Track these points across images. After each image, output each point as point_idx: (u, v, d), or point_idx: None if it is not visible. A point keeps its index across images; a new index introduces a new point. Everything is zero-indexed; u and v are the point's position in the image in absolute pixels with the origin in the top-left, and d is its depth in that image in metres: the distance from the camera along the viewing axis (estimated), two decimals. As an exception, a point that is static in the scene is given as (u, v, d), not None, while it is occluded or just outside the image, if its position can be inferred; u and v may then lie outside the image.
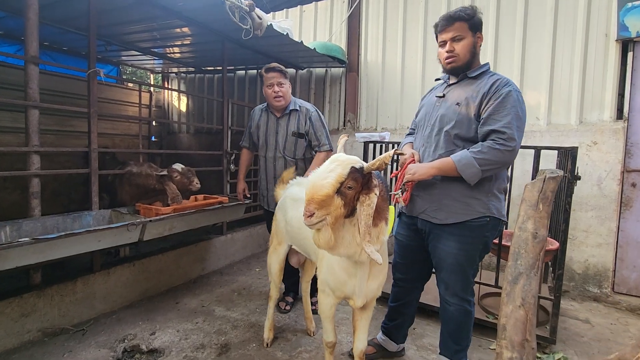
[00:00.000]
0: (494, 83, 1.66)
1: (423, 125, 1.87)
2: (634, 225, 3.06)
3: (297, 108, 2.59)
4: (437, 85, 1.97)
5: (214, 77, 5.49)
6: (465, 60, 1.73)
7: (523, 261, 1.28)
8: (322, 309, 1.75)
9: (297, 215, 1.91)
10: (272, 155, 2.61)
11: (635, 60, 2.98)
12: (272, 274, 2.21)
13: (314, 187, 1.33)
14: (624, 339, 2.52)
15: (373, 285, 1.62)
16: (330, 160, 1.40)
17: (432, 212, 1.79)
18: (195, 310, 2.70)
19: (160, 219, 2.41)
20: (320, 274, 1.71)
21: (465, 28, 1.70)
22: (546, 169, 1.45)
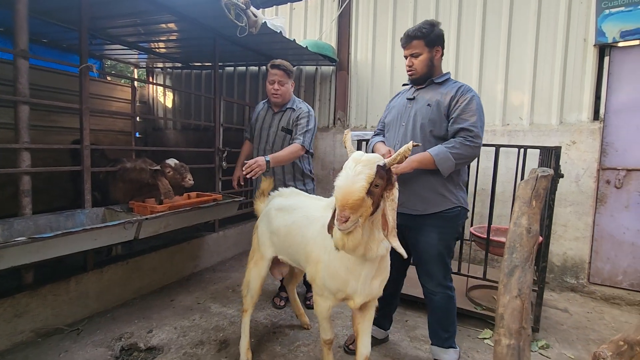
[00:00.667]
0: (459, 88, 1.88)
1: (396, 125, 2.02)
2: (608, 220, 3.26)
3: (293, 107, 2.63)
4: (404, 89, 2.14)
5: (202, 72, 5.42)
6: (423, 72, 1.95)
7: (518, 254, 1.37)
8: (319, 310, 1.72)
9: (284, 223, 1.90)
10: (263, 148, 2.65)
11: (611, 64, 3.16)
12: (250, 288, 2.06)
13: (347, 192, 1.29)
14: (600, 326, 2.70)
15: (376, 283, 1.62)
16: (353, 161, 1.35)
17: (412, 205, 1.92)
18: (191, 307, 2.70)
19: (156, 217, 2.39)
20: (317, 279, 1.67)
21: (422, 45, 1.90)
22: (538, 168, 1.54)
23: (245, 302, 2.11)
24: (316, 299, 1.74)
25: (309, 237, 1.75)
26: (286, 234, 1.89)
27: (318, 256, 1.68)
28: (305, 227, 1.79)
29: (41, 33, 4.19)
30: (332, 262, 1.60)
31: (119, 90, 5.48)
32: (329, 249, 1.58)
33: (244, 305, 2.11)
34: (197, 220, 2.78)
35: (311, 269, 1.73)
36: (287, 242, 1.89)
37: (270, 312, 2.68)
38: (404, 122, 1.96)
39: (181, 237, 3.36)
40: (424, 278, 2.00)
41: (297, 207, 1.92)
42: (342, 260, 1.55)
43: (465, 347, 2.32)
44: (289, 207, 1.95)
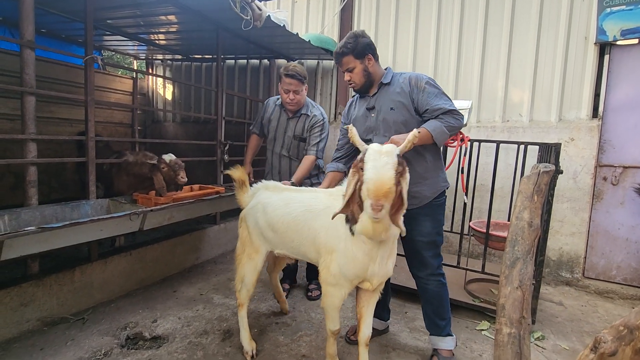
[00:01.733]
0: (409, 80, 1.90)
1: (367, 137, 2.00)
2: (604, 216, 3.33)
3: (307, 113, 2.67)
4: (355, 99, 2.14)
5: (202, 65, 5.40)
6: (362, 83, 1.97)
7: (520, 247, 1.41)
8: (332, 301, 1.75)
9: (281, 219, 1.89)
10: (279, 152, 2.73)
11: (611, 62, 3.20)
12: (245, 283, 2.07)
13: (380, 183, 1.39)
14: (594, 319, 2.77)
15: (390, 264, 1.73)
16: (377, 152, 1.46)
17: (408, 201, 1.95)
18: (194, 298, 2.73)
19: (161, 209, 2.41)
20: (332, 268, 1.70)
21: (352, 59, 1.91)
22: (540, 163, 1.58)
23: (241, 297, 2.11)
24: (328, 290, 1.75)
25: (317, 229, 1.78)
26: (286, 230, 1.90)
27: (332, 246, 1.72)
28: (312, 220, 1.81)
29: (40, 23, 4.16)
30: (349, 248, 1.65)
31: (118, 81, 5.46)
32: (344, 237, 1.66)
33: (239, 300, 2.12)
34: (200, 212, 2.81)
35: (325, 259, 1.76)
36: (289, 237, 1.91)
37: (272, 304, 2.72)
38: (375, 133, 1.98)
39: (183, 229, 3.39)
40: (417, 267, 2.05)
41: (292, 202, 1.91)
42: (359, 245, 1.62)
43: (464, 338, 2.38)
44: (280, 201, 1.95)
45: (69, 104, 4.62)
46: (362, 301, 1.85)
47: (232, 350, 2.11)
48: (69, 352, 2.00)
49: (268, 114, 2.76)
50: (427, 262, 2.01)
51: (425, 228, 1.97)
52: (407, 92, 1.89)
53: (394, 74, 1.97)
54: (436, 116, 1.84)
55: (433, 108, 1.85)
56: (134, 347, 2.09)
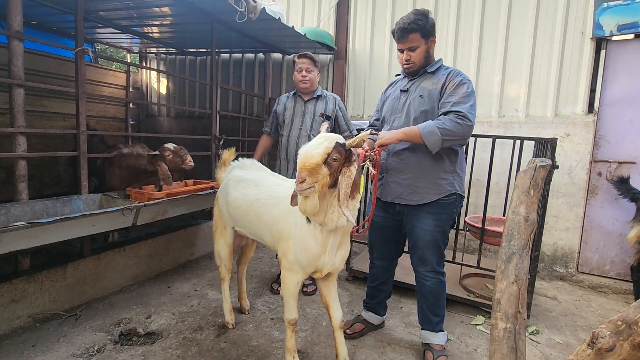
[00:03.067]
0: (449, 74, 1.89)
1: (390, 118, 2.03)
2: (598, 211, 3.35)
3: (323, 94, 2.80)
4: (398, 79, 2.14)
5: (196, 59, 5.34)
6: (420, 64, 1.96)
7: (516, 242, 1.40)
8: (288, 287, 1.80)
9: (245, 197, 1.98)
10: (297, 134, 2.74)
11: (607, 58, 3.20)
12: (221, 258, 2.23)
13: (306, 157, 1.48)
14: (587, 314, 2.79)
15: (341, 254, 1.78)
16: (317, 137, 1.57)
17: (407, 196, 1.97)
18: (189, 294, 2.71)
19: (154, 204, 2.38)
20: (288, 253, 1.76)
21: (419, 38, 1.88)
22: (536, 158, 1.57)
23: (222, 272, 2.28)
24: (285, 275, 1.80)
25: (277, 216, 1.84)
26: (247, 210, 1.98)
27: (289, 233, 1.78)
28: (273, 206, 1.87)
29: (30, 15, 4.07)
30: (303, 236, 1.70)
31: (111, 75, 5.37)
32: (300, 225, 1.71)
33: (221, 275, 2.28)
34: (194, 207, 2.78)
35: (282, 246, 1.81)
36: (249, 217, 1.99)
37: (267, 299, 2.71)
38: (398, 114, 1.99)
39: (177, 225, 3.36)
40: (417, 263, 2.05)
41: (260, 183, 2.01)
42: (312, 233, 1.68)
43: (459, 333, 2.38)
44: (250, 182, 2.04)
45: (62, 97, 4.54)
46: (324, 291, 1.92)
47: (227, 345, 2.09)
48: (62, 349, 1.97)
49: (282, 106, 2.81)
50: (427, 259, 1.99)
51: (426, 225, 1.95)
52: (440, 84, 1.87)
53: (441, 66, 1.96)
54: (443, 112, 1.81)
55: (444, 101, 1.83)
56: (127, 343, 2.07)
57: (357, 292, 2.90)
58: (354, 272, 3.07)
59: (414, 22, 1.84)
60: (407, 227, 2.02)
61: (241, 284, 2.49)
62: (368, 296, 2.35)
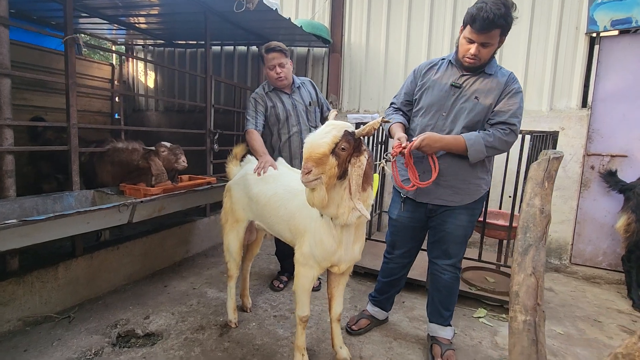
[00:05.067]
0: (508, 81, 1.77)
1: (435, 112, 1.86)
2: (591, 204, 3.41)
3: (299, 84, 2.65)
4: (441, 64, 1.91)
5: (186, 51, 5.19)
6: (485, 62, 1.78)
7: (532, 234, 1.39)
8: (302, 282, 1.74)
9: (263, 191, 1.94)
10: (298, 130, 2.58)
11: (600, 53, 3.25)
12: (231, 253, 2.16)
13: (312, 146, 1.41)
14: (584, 304, 2.84)
15: (357, 249, 1.72)
16: (325, 125, 1.49)
17: (448, 197, 1.89)
18: (187, 292, 2.63)
19: (151, 200, 2.29)
20: (303, 248, 1.71)
21: (498, 35, 1.67)
22: (549, 150, 1.56)
23: (230, 268, 2.19)
24: (299, 270, 1.75)
25: (293, 210, 1.79)
26: (265, 204, 1.93)
27: (305, 227, 1.74)
28: (289, 200, 1.82)
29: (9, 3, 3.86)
30: (317, 229, 1.65)
31: (95, 68, 5.17)
32: (315, 218, 1.67)
33: (229, 271, 2.20)
34: (191, 203, 2.70)
35: (299, 241, 1.77)
36: (267, 212, 1.94)
37: (269, 296, 2.65)
38: (444, 111, 1.83)
39: (172, 222, 3.26)
40: (439, 256, 1.99)
41: (277, 177, 1.97)
42: (325, 227, 1.63)
43: (462, 326, 2.39)
44: (268, 176, 2.00)
45: (44, 91, 4.35)
46: (332, 283, 1.88)
47: (231, 345, 2.03)
48: (56, 353, 1.87)
49: (268, 104, 2.56)
50: (452, 253, 1.95)
51: (460, 221, 1.90)
52: (499, 91, 1.75)
53: (497, 67, 1.82)
54: (493, 124, 1.75)
55: (498, 109, 1.74)
56: (126, 346, 1.98)
57: (359, 287, 2.88)
58: (355, 268, 3.04)
59: (504, 16, 1.59)
60: (436, 222, 1.95)
61: (245, 281, 2.43)
62: (377, 291, 2.30)
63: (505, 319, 2.50)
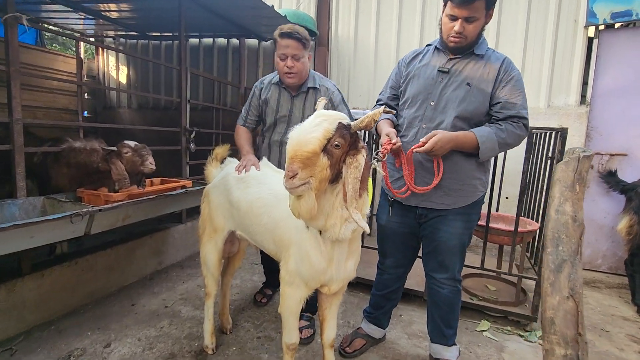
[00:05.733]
0: (502, 65, 1.59)
1: (422, 102, 1.67)
2: (590, 205, 3.27)
3: (316, 86, 2.09)
4: (427, 51, 1.75)
5: (161, 44, 4.83)
6: (472, 41, 1.59)
7: (565, 247, 1.17)
8: (288, 304, 1.49)
9: (245, 195, 1.67)
10: (278, 140, 2.11)
11: (599, 47, 3.11)
12: (208, 266, 1.86)
13: (299, 143, 1.15)
14: (587, 311, 2.68)
15: (351, 266, 1.47)
16: (314, 115, 1.22)
17: (438, 199, 1.68)
18: (157, 312, 2.31)
19: (113, 207, 1.97)
20: (288, 264, 1.47)
21: (482, 7, 1.51)
22: (576, 147, 1.35)
23: (208, 284, 1.91)
24: (285, 290, 1.49)
25: (277, 219, 1.53)
26: (247, 211, 1.65)
27: (290, 238, 1.47)
28: (273, 207, 1.55)
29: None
30: (303, 243, 1.40)
31: (61, 61, 4.74)
32: (301, 228, 1.41)
33: (206, 288, 1.92)
34: (163, 210, 2.38)
35: (284, 255, 1.51)
36: (249, 220, 1.66)
37: (251, 313, 2.37)
38: (432, 100, 1.63)
39: (142, 230, 2.92)
40: (435, 269, 1.78)
41: (261, 180, 1.68)
42: (312, 242, 1.37)
43: (466, 342, 2.17)
44: (251, 178, 1.71)
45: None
46: (323, 304, 1.63)
47: (206, 377, 1.74)
48: (-10, 397, 1.54)
49: (263, 97, 2.16)
50: (449, 266, 1.74)
51: (454, 229, 1.68)
52: (493, 75, 1.57)
53: (488, 48, 1.64)
54: (503, 118, 1.56)
55: (507, 101, 1.55)
56: (79, 383, 1.66)
57: (351, 299, 2.63)
58: (346, 278, 2.79)
59: None
60: (428, 230, 1.74)
61: (225, 298, 2.14)
62: (372, 306, 2.06)
63: (510, 332, 2.31)
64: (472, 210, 1.72)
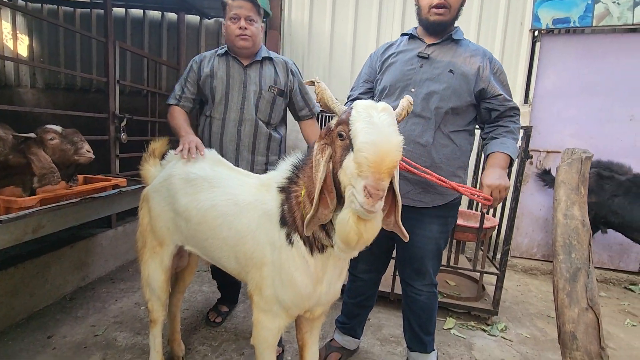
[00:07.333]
0: (485, 54, 1.56)
1: (400, 88, 1.56)
2: (529, 198, 3.53)
3: (271, 56, 1.90)
4: (401, 41, 1.67)
5: (76, 12, 4.02)
6: (454, 14, 1.53)
7: (578, 254, 1.11)
8: (264, 336, 1.26)
9: (196, 202, 1.36)
10: (237, 117, 1.81)
11: (541, 50, 3.31)
12: (153, 288, 1.54)
13: (386, 151, 0.88)
14: (532, 299, 2.87)
15: (339, 285, 1.28)
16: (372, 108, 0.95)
17: (416, 195, 1.57)
18: (85, 343, 1.86)
19: (17, 217, 1.48)
20: (265, 288, 1.22)
21: None
22: (574, 148, 1.31)
23: (153, 309, 1.57)
24: (259, 320, 1.26)
25: (243, 231, 1.25)
26: (200, 222, 1.35)
27: (263, 257, 1.22)
28: (235, 217, 1.27)
29: None
30: (285, 263, 1.17)
31: None
32: (279, 245, 1.18)
33: (151, 314, 1.58)
34: (90, 216, 1.90)
35: (254, 276, 1.25)
36: (202, 233, 1.36)
37: (206, 333, 2.04)
38: (413, 87, 1.53)
39: (59, 239, 2.35)
40: (411, 276, 1.69)
41: (217, 182, 1.37)
42: (298, 260, 1.15)
43: (436, 342, 2.10)
44: (203, 180, 1.38)
45: None
46: (304, 327, 1.43)
47: None
48: None
49: (206, 70, 1.85)
50: (426, 272, 1.64)
51: (430, 232, 1.59)
52: (476, 65, 1.51)
53: (463, 38, 1.59)
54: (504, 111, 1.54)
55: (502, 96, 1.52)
56: None
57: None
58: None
59: None
60: None
61: (174, 321, 1.78)
62: (345, 315, 1.91)
63: (474, 327, 2.34)
64: (449, 213, 1.66)
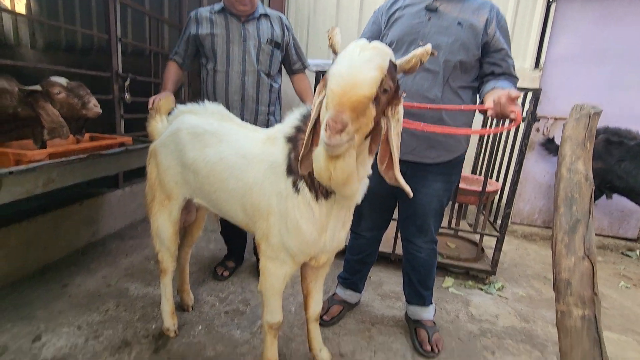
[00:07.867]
0: (491, 9, 1.51)
1: (407, 42, 1.53)
2: (533, 165, 3.52)
3: (266, 13, 1.99)
4: None
5: (72, -34, 3.87)
6: None
7: (578, 207, 1.13)
8: (271, 282, 1.31)
9: (204, 155, 1.39)
10: (240, 69, 1.92)
11: (556, 13, 3.17)
12: (162, 240, 1.60)
13: (353, 82, 0.86)
14: (530, 262, 2.95)
15: (343, 235, 1.31)
16: (361, 46, 0.92)
17: (422, 151, 1.58)
18: (99, 292, 1.95)
19: (28, 170, 1.51)
20: (272, 236, 1.26)
21: None
22: (583, 103, 1.30)
23: (163, 260, 1.64)
24: (267, 266, 1.31)
25: (250, 183, 1.28)
26: (208, 175, 1.38)
27: (269, 207, 1.25)
28: (242, 170, 1.30)
29: None
30: (290, 211, 1.19)
31: None
32: (285, 194, 1.20)
33: (162, 264, 1.65)
34: (98, 173, 1.93)
35: (261, 225, 1.28)
36: (210, 185, 1.40)
37: (213, 285, 2.13)
38: (421, 40, 1.49)
39: (68, 196, 2.40)
40: (414, 234, 1.73)
41: (224, 137, 1.39)
42: (303, 208, 1.17)
43: (435, 299, 2.15)
44: (211, 134, 1.40)
45: None
46: (308, 276, 1.48)
47: (172, 364, 1.51)
48: None
49: (206, 26, 1.92)
50: (428, 229, 1.68)
51: (434, 190, 1.60)
52: (484, 19, 1.47)
53: None
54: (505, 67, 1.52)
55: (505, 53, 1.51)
56: (3, 389, 1.32)
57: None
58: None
59: None
60: None
61: (184, 272, 1.86)
62: (347, 271, 1.98)
63: (471, 286, 2.42)
64: (453, 170, 1.67)
